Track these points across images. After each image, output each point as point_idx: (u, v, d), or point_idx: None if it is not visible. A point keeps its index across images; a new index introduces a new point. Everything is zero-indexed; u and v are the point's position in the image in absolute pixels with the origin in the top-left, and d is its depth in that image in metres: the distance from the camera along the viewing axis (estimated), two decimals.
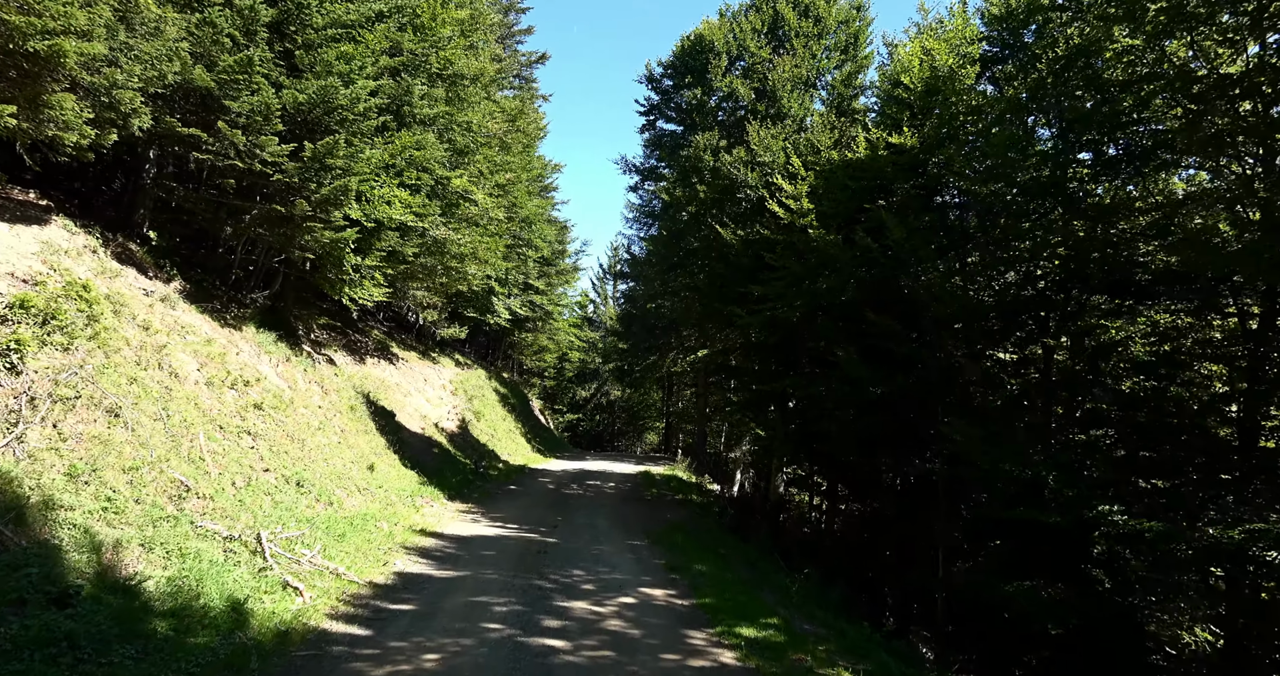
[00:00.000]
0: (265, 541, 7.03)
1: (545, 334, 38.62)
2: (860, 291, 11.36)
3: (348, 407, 14.81)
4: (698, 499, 18.58)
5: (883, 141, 11.41)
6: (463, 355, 30.93)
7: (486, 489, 16.80)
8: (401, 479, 14.22)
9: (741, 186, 14.30)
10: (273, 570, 6.65)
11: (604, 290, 56.53)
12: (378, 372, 19.95)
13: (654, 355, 34.45)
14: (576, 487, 18.87)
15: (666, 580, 8.73)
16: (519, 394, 34.21)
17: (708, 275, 15.63)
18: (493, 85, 20.84)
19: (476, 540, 10.48)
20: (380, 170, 14.28)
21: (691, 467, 25.86)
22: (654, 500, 17.76)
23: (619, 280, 46.43)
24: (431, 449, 18.33)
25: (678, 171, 16.91)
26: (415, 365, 23.75)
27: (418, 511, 12.29)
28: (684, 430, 45.94)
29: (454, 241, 19.43)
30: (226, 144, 10.78)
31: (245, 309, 13.97)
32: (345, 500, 10.68)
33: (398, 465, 15.03)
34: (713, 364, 30.67)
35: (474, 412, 24.45)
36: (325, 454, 11.60)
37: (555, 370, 48.25)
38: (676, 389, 44.51)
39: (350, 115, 12.37)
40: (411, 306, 25.29)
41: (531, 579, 8.24)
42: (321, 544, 8.02)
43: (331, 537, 8.45)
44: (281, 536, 7.52)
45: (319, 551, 7.67)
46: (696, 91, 16.44)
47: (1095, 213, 10.11)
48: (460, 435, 21.75)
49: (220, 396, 9.72)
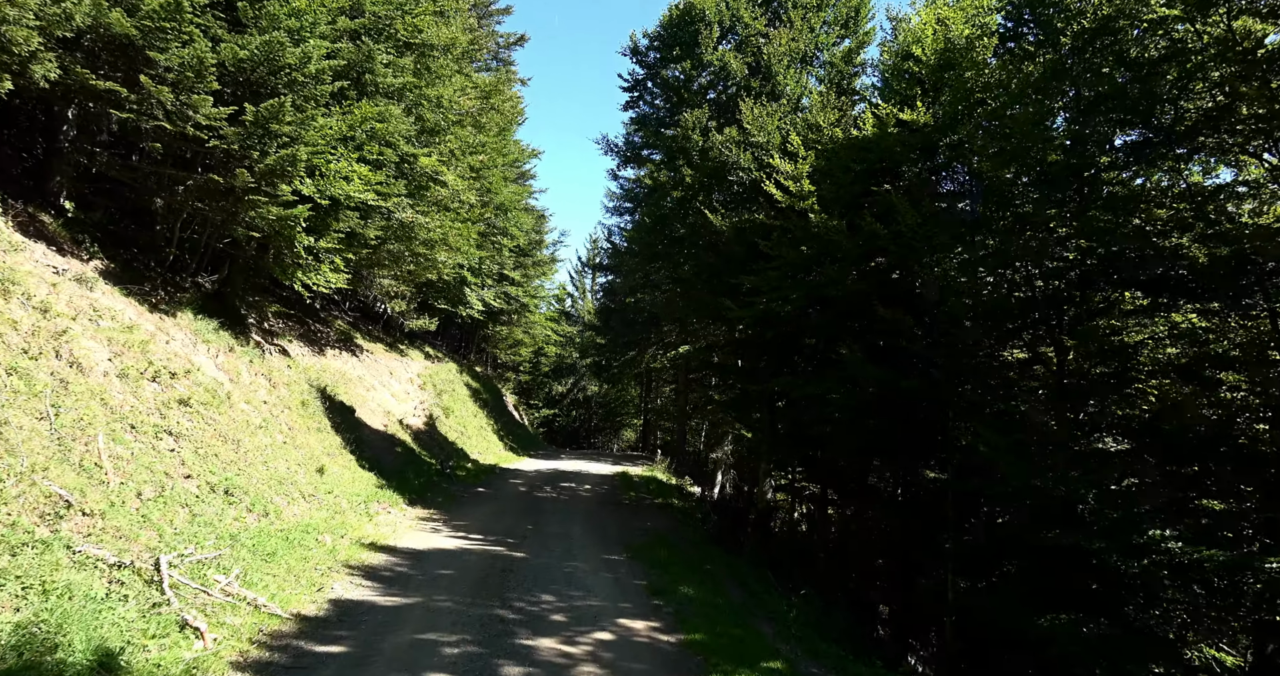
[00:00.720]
0: (166, 568, 5.80)
1: (521, 327, 37.33)
2: (864, 283, 10.33)
3: (298, 403, 13.50)
4: (679, 503, 17.53)
5: (893, 118, 10.36)
6: (434, 347, 29.57)
7: (452, 492, 15.58)
8: (356, 482, 12.97)
9: (733, 169, 13.19)
10: (170, 605, 5.43)
11: (582, 284, 55.29)
12: (338, 365, 18.62)
13: (633, 351, 33.35)
14: (550, 490, 17.72)
15: (649, 607, 7.63)
16: (492, 389, 32.91)
17: (695, 265, 14.52)
18: (465, 59, 19.52)
19: (434, 555, 9.29)
20: (337, 142, 12.97)
21: (671, 468, 24.82)
22: (632, 505, 16.67)
23: (598, 273, 45.21)
24: (394, 448, 17.05)
25: (663, 152, 15.73)
26: (381, 357, 22.41)
27: (371, 520, 11.06)
28: (662, 427, 44.95)
29: (422, 226, 18.18)
30: (152, 102, 9.43)
31: (184, 293, 12.60)
32: (285, 509, 9.43)
33: (353, 466, 13.76)
34: (695, 361, 29.64)
35: (443, 408, 23.16)
36: (266, 455, 10.33)
37: (531, 364, 46.95)
38: (655, 385, 43.48)
39: (300, 76, 11.06)
40: (378, 296, 23.90)
41: (493, 607, 7.09)
42: (243, 566, 6.80)
43: (258, 557, 7.22)
44: (191, 560, 6.29)
45: (237, 577, 6.44)
46: (685, 65, 15.26)
47: (1120, 201, 9.18)
48: (427, 432, 20.47)
49: (136, 390, 8.42)
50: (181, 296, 12.34)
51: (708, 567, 10.34)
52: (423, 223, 17.90)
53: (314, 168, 12.30)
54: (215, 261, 16.14)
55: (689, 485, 22.76)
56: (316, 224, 13.32)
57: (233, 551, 7.01)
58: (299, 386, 14.25)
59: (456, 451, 21.07)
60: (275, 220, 11.59)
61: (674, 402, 36.12)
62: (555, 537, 11.51)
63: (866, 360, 9.59)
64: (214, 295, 14.70)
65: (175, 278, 13.02)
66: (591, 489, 18.52)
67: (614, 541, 11.67)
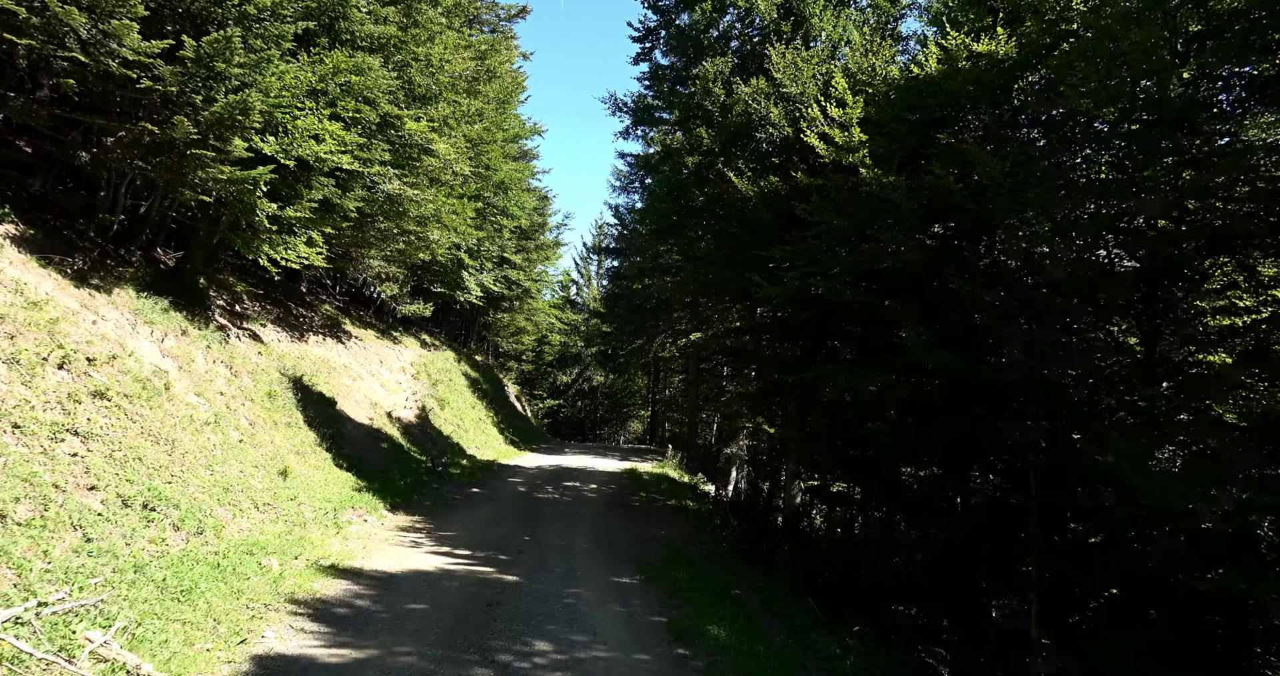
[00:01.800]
0: (6, 628, 4.16)
1: (523, 314, 35.65)
2: (926, 252, 8.56)
3: (264, 394, 11.88)
4: (693, 505, 15.90)
5: (964, 50, 8.55)
6: (430, 335, 27.95)
7: (443, 494, 13.96)
8: (330, 484, 11.36)
9: (760, 125, 11.43)
10: None
11: (587, 271, 53.61)
12: (320, 352, 17.00)
13: (640, 339, 31.65)
14: (552, 490, 16.10)
15: (672, 661, 5.97)
16: (492, 378, 31.28)
17: (716, 236, 12.75)
18: (457, 15, 17.75)
19: (407, 581, 7.66)
20: (304, 96, 11.28)
21: (682, 464, 23.18)
22: (643, 507, 15.04)
23: (604, 257, 43.44)
24: (379, 444, 15.45)
25: (678, 111, 13.91)
26: (371, 345, 20.79)
27: (339, 532, 9.44)
28: (670, 419, 43.33)
29: (412, 200, 16.51)
30: (63, 29, 7.74)
31: (128, 267, 10.95)
32: (228, 524, 7.81)
33: (328, 466, 12.16)
34: (707, 349, 27.94)
35: (438, 399, 21.54)
36: (212, 457, 8.71)
37: (534, 353, 45.31)
38: (663, 376, 41.83)
39: (251, 8, 9.34)
40: (369, 279, 22.24)
41: (470, 666, 5.45)
42: (140, 612, 5.16)
43: (167, 597, 5.59)
44: (59, 609, 4.66)
45: (122, 630, 4.81)
46: (705, 6, 13.39)
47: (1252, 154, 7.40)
48: (419, 426, 18.87)
49: (32, 380, 6.78)
50: (124, 271, 10.70)
51: (736, 592, 8.68)
52: (411, 196, 16.24)
53: (275, 123, 10.60)
54: (179, 235, 14.53)
55: (702, 483, 21.13)
56: (282, 189, 11.66)
57: (130, 591, 5.37)
58: (268, 375, 12.63)
59: (451, 446, 19.47)
60: (228, 182, 9.91)
61: (684, 394, 34.46)
62: (556, 552, 9.88)
63: (935, 344, 7.86)
64: (172, 272, 13.07)
65: (120, 250, 11.37)
66: (598, 488, 16.90)
67: (624, 557, 10.03)
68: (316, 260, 14.27)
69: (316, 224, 13.65)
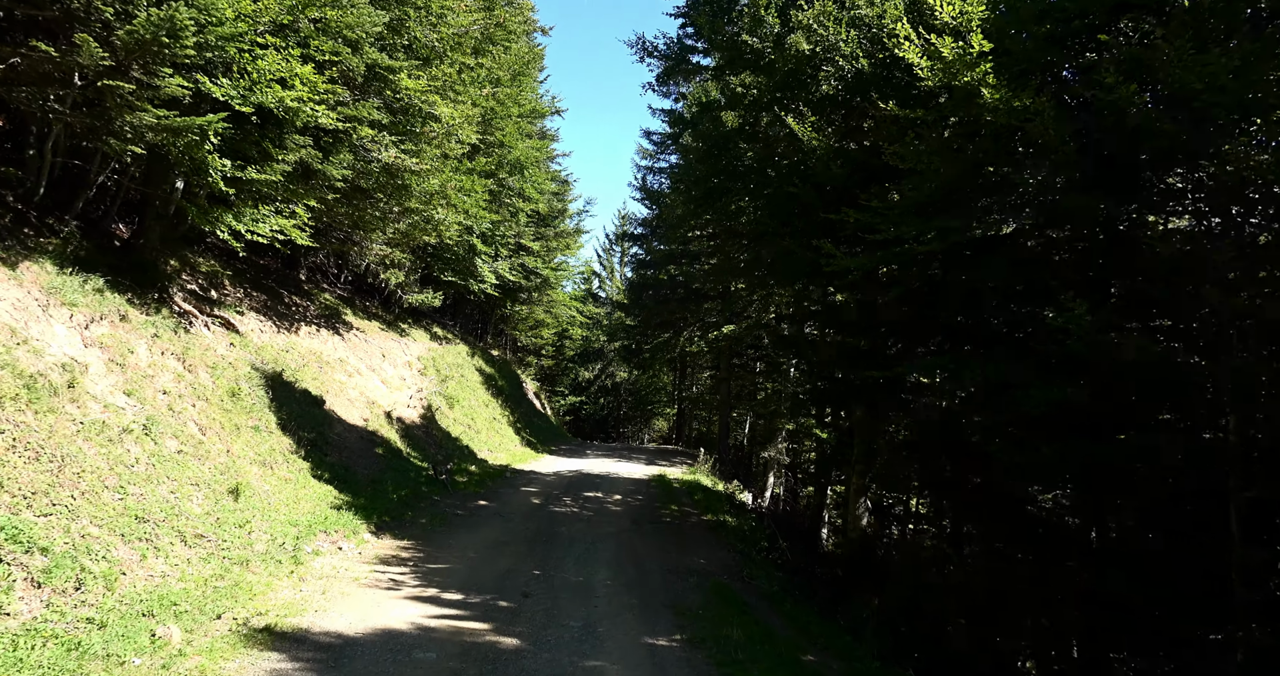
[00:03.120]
0: None
1: (542, 306, 33.61)
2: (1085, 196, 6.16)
3: (226, 392, 9.95)
4: (732, 521, 13.75)
5: None
6: (443, 328, 26.04)
7: (442, 508, 11.98)
8: (301, 502, 9.41)
9: (827, 58, 9.16)
10: None
11: (610, 263, 51.58)
12: (312, 345, 15.09)
13: (666, 332, 29.51)
14: (570, 502, 14.05)
15: None
16: (509, 374, 29.32)
17: (770, 202, 10.47)
18: None
19: (366, 654, 5.61)
20: (269, 32, 9.31)
21: (715, 469, 21.00)
22: (676, 524, 12.94)
23: (628, 244, 41.32)
24: (373, 448, 13.50)
25: (722, 52, 11.60)
26: (374, 337, 18.88)
27: (297, 569, 7.45)
28: (697, 417, 41.14)
29: (412, 172, 14.56)
30: None
31: (50, 238, 9.05)
32: (133, 569, 5.83)
33: (304, 478, 10.21)
34: (740, 343, 25.75)
35: (446, 397, 19.60)
36: (128, 475, 6.74)
37: (554, 348, 43.32)
38: (691, 372, 39.62)
39: None
40: (373, 264, 20.35)
41: None
42: None
43: None
44: None
45: None
46: None
47: None
48: (423, 427, 16.93)
49: None
50: (46, 243, 8.80)
51: (810, 660, 6.52)
52: (412, 166, 14.26)
53: (227, 59, 8.62)
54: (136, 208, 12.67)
55: (738, 492, 18.95)
56: (246, 147, 9.70)
57: None
58: (234, 370, 10.71)
59: (459, 450, 17.52)
60: (165, 130, 7.94)
61: (713, 391, 32.24)
62: (572, 594, 7.80)
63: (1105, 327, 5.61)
64: (123, 248, 11.21)
65: (46, 219, 9.48)
66: (623, 500, 14.82)
67: (659, 600, 7.92)
68: (299, 237, 12.36)
69: (295, 194, 11.73)
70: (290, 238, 12.55)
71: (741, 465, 26.55)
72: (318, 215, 14.86)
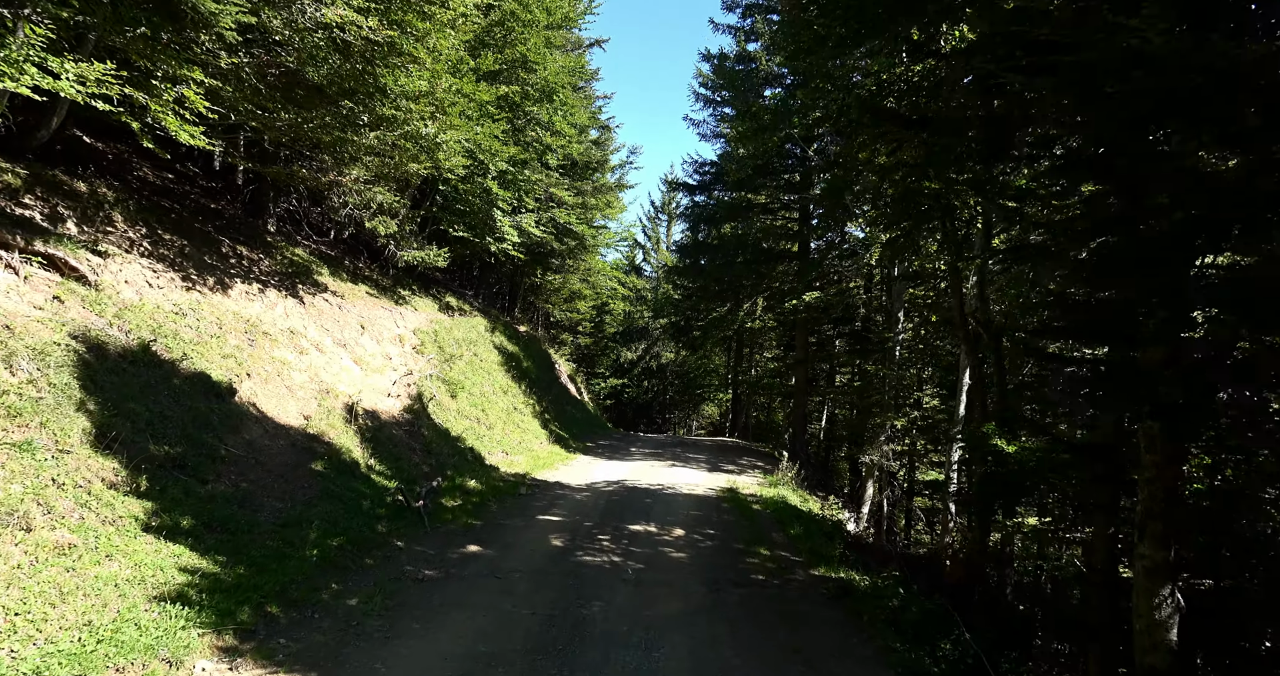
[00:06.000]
0: None
1: (578, 275, 28.89)
2: None
3: None
4: (858, 579, 8.83)
5: None
6: (458, 296, 21.51)
7: (399, 566, 7.39)
8: (91, 594, 4.84)
9: None
10: None
11: (655, 233, 46.57)
12: (243, 308, 10.56)
13: (724, 304, 24.45)
14: (609, 543, 9.32)
15: None
16: (537, 353, 24.70)
17: None
18: None
19: None
20: None
21: (799, 478, 16.03)
22: (777, 589, 8.13)
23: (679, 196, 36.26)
24: (309, 463, 8.93)
25: None
26: (355, 303, 14.35)
27: None
28: (755, 404, 36.02)
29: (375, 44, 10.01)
30: None
31: None
32: None
33: (121, 536, 5.66)
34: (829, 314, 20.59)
35: (447, 382, 15.04)
36: None
37: (593, 324, 38.65)
38: (749, 352, 34.55)
39: None
40: (354, 210, 15.78)
41: None
42: None
43: None
44: None
45: None
46: None
47: None
48: (406, 425, 12.37)
49: None
50: None
51: None
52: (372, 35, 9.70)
53: None
54: None
55: (835, 511, 14.00)
56: None
57: None
58: (28, 338, 6.18)
59: (459, 455, 12.93)
60: None
61: (782, 375, 27.04)
62: None
63: None
64: None
65: None
66: (687, 538, 10.02)
67: None
68: (174, 126, 7.93)
69: (147, 46, 7.20)
70: (165, 126, 8.06)
71: (820, 467, 21.51)
72: (245, 116, 10.31)
